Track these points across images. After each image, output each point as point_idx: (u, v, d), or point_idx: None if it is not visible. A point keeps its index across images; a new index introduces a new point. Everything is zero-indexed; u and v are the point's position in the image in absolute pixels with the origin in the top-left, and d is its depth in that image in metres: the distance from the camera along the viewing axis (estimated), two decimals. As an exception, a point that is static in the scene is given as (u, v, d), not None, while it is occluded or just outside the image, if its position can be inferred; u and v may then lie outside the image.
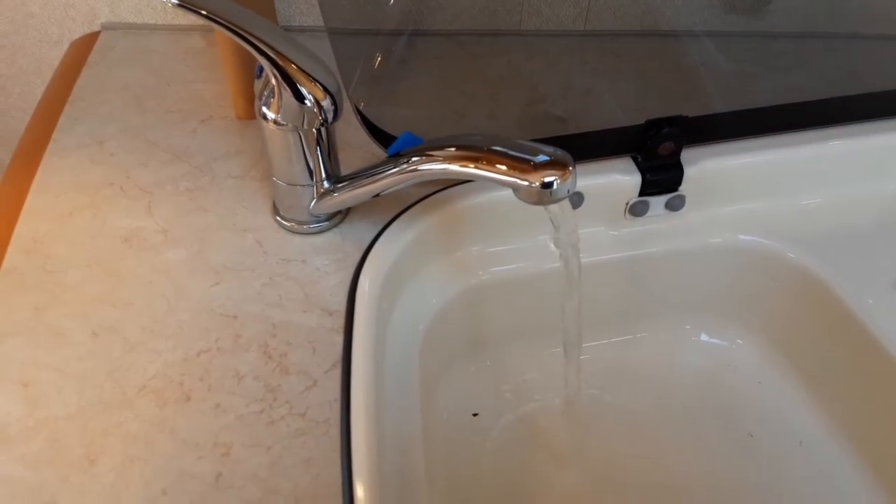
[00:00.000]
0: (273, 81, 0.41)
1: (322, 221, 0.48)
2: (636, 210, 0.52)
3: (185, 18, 0.65)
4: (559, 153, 0.35)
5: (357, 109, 0.46)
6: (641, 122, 0.49)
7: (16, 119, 0.70)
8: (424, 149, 0.40)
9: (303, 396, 0.40)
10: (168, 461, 0.38)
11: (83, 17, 0.65)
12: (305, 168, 0.45)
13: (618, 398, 0.58)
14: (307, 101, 0.41)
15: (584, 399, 0.58)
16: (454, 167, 0.37)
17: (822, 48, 0.61)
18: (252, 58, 0.40)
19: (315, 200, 0.47)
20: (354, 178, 0.44)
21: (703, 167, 0.51)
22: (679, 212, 0.53)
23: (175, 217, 0.49)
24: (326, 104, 0.42)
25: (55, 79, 0.61)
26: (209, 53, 0.63)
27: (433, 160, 0.39)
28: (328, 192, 0.46)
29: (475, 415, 0.57)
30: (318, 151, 0.45)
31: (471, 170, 0.36)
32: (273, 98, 0.42)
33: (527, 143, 0.36)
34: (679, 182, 0.51)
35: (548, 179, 0.34)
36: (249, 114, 0.56)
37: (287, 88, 0.40)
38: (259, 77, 0.42)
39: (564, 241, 0.39)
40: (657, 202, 0.52)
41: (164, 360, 0.42)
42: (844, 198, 0.54)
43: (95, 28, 0.66)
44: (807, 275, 0.53)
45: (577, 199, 0.51)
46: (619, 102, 0.58)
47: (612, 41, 0.62)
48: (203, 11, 0.37)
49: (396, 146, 0.44)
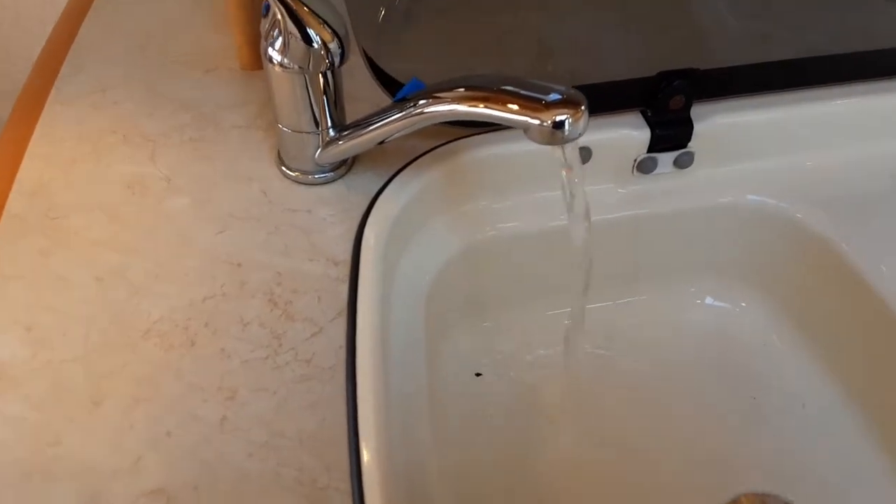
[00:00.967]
0: (280, 20, 0.40)
1: (327, 172, 0.48)
2: (644, 167, 0.52)
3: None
4: (571, 91, 0.35)
5: (365, 54, 0.45)
6: (652, 75, 0.49)
7: (18, 81, 0.70)
8: (431, 91, 0.39)
9: (308, 343, 0.40)
10: (173, 403, 0.37)
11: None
12: (311, 114, 0.45)
13: (620, 360, 0.58)
14: (314, 43, 0.41)
15: (587, 360, 0.58)
16: (462, 107, 0.37)
17: (839, 1, 0.60)
18: (257, 7, 0.39)
19: (320, 149, 0.46)
20: (360, 125, 0.44)
21: (714, 123, 0.51)
22: (687, 169, 0.52)
23: (179, 165, 0.49)
24: (334, 46, 0.42)
25: (59, 23, 0.60)
26: (216, 2, 0.62)
27: (440, 102, 0.38)
28: (333, 141, 0.46)
29: (478, 374, 0.56)
30: (325, 97, 0.44)
31: (480, 109, 0.36)
32: (279, 39, 0.41)
33: (537, 82, 0.36)
34: (688, 138, 0.51)
35: (559, 118, 0.34)
36: (254, 65, 0.55)
37: (294, 28, 0.40)
38: (265, 16, 0.41)
39: (572, 194, 0.38)
40: (666, 159, 0.52)
41: (169, 305, 0.42)
42: (858, 159, 0.54)
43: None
44: (816, 237, 0.52)
45: (585, 155, 0.50)
46: (628, 55, 0.57)
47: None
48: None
49: (403, 92, 0.43)
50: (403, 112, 0.40)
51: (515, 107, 0.34)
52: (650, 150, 0.51)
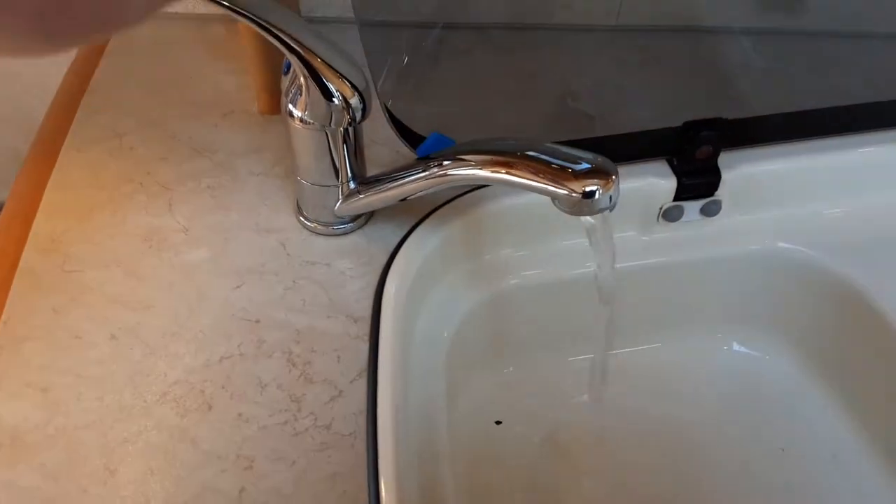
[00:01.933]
0: (301, 78, 0.39)
1: (347, 223, 0.47)
2: (670, 215, 0.50)
3: (206, 7, 0.64)
4: (600, 160, 0.34)
5: (386, 107, 0.44)
6: (678, 125, 0.47)
7: (29, 107, 0.69)
8: (456, 152, 0.38)
9: (328, 407, 0.39)
10: (189, 473, 0.37)
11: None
12: (331, 168, 0.44)
13: (644, 407, 0.57)
14: (335, 100, 0.40)
15: (610, 407, 0.57)
16: (488, 173, 0.36)
17: (865, 49, 0.58)
18: (276, 50, 0.39)
19: (340, 202, 0.45)
20: (381, 181, 0.43)
21: (741, 172, 0.50)
22: (714, 217, 0.51)
23: (196, 215, 0.48)
24: (355, 102, 0.41)
25: (73, 68, 0.60)
26: (231, 44, 0.61)
27: (466, 165, 0.37)
28: (354, 193, 0.45)
29: (498, 423, 0.55)
30: (345, 151, 0.43)
31: (507, 176, 0.35)
32: (300, 95, 0.40)
33: (565, 149, 0.35)
34: (716, 187, 0.49)
35: (589, 188, 0.33)
36: (273, 109, 0.54)
37: (315, 86, 0.39)
38: (286, 73, 0.40)
39: (600, 254, 0.37)
40: (692, 207, 0.50)
41: (186, 366, 0.41)
42: (888, 206, 0.52)
43: (114, 16, 0.65)
44: (845, 285, 0.51)
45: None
46: (652, 101, 0.56)
47: (645, 37, 0.60)
48: (225, 2, 0.35)
49: (425, 147, 0.43)
50: (427, 172, 0.39)
51: (543, 175, 0.33)
52: (676, 199, 0.50)
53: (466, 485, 0.51)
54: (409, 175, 0.40)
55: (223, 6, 0.36)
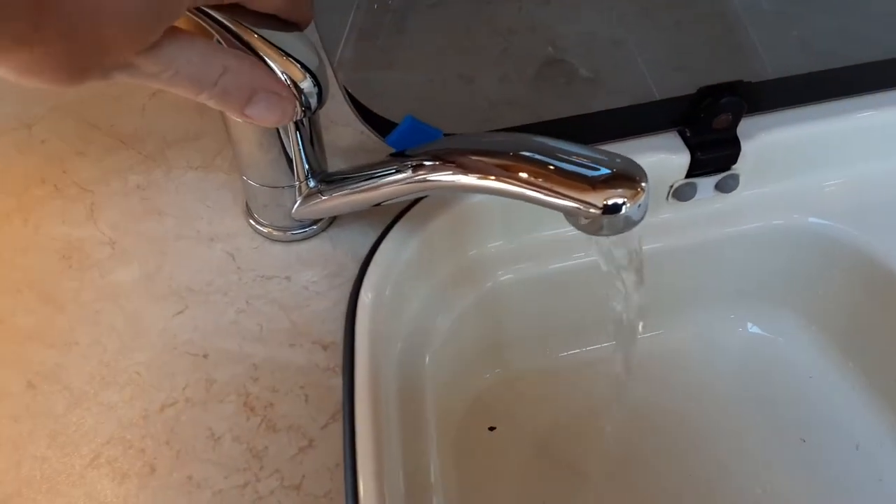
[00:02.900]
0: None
1: (307, 226, 0.40)
2: (682, 194, 0.44)
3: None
4: (624, 162, 0.27)
5: (345, 89, 0.36)
6: (693, 91, 0.40)
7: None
8: (440, 151, 0.31)
9: (296, 462, 0.33)
10: (131, 561, 0.30)
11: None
12: (284, 165, 0.36)
13: (652, 398, 0.51)
14: (281, 85, 0.32)
15: (614, 400, 0.51)
16: (481, 181, 0.28)
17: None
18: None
19: (298, 203, 0.37)
20: (348, 180, 0.35)
21: (762, 141, 0.43)
22: (731, 193, 0.45)
23: (124, 223, 0.40)
24: (307, 86, 0.33)
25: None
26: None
27: (453, 169, 0.30)
28: (314, 194, 0.37)
29: (492, 428, 0.50)
30: (300, 143, 0.35)
31: (506, 186, 0.28)
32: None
33: (577, 148, 0.28)
34: (734, 160, 0.43)
35: (612, 200, 0.26)
36: (209, 84, 0.46)
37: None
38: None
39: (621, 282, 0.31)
40: (706, 183, 0.44)
41: (120, 418, 0.34)
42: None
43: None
44: (876, 263, 0.45)
45: (613, 184, 0.42)
46: (654, 57, 0.49)
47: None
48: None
49: (398, 136, 0.35)
50: (405, 174, 0.31)
51: (553, 184, 0.26)
52: (689, 175, 0.43)
53: (461, 494, 0.45)
54: (383, 176, 0.33)
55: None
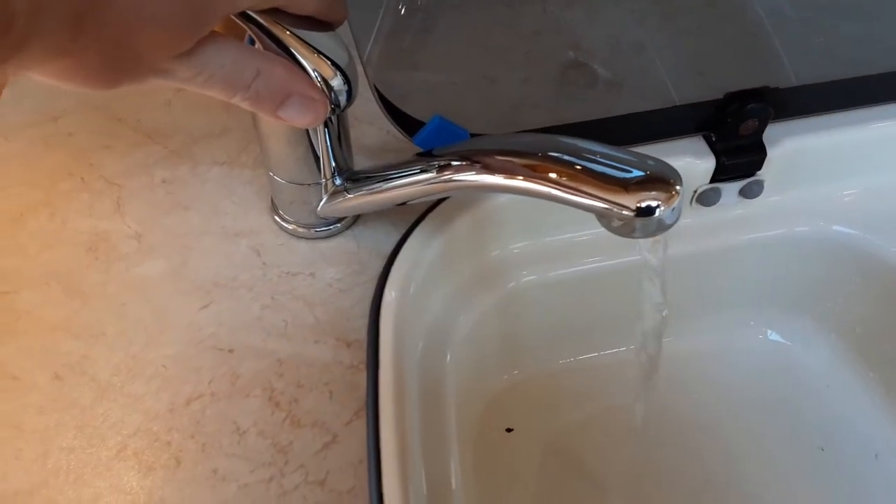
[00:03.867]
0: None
1: (332, 223, 0.40)
2: (706, 199, 0.44)
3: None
4: (658, 165, 0.27)
5: (375, 88, 0.36)
6: (715, 96, 0.40)
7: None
8: (468, 151, 0.31)
9: (320, 457, 0.33)
10: (156, 552, 0.30)
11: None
12: (311, 162, 0.36)
13: (671, 405, 0.51)
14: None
15: (632, 406, 0.51)
16: (511, 181, 0.28)
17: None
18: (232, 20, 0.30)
19: (324, 201, 0.38)
20: (374, 179, 0.35)
21: (788, 147, 0.43)
22: (755, 199, 0.45)
23: (150, 217, 0.40)
24: (337, 84, 0.33)
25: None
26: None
27: (482, 169, 0.30)
28: (340, 192, 0.37)
29: (509, 430, 0.50)
30: (328, 141, 0.36)
31: (536, 186, 0.28)
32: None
33: (609, 149, 0.28)
34: (759, 165, 0.43)
35: (646, 203, 0.26)
36: (236, 81, 0.46)
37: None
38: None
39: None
40: (730, 189, 0.44)
41: (146, 411, 0.34)
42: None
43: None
44: (895, 271, 0.45)
45: (637, 188, 0.42)
46: (676, 62, 0.48)
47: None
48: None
49: (426, 136, 0.35)
50: (432, 174, 0.31)
51: (585, 186, 0.26)
52: (714, 180, 0.43)
53: (477, 495, 0.45)
54: (409, 175, 0.33)
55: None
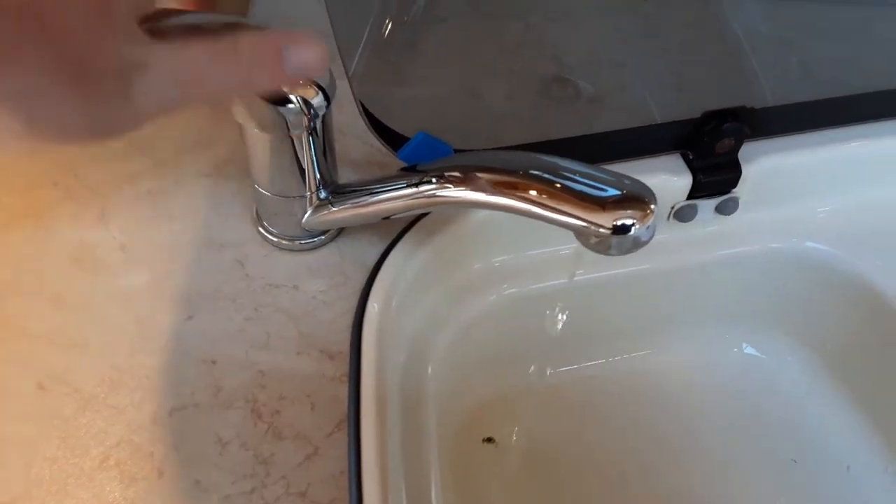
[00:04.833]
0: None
1: (316, 236, 0.40)
2: (683, 215, 0.45)
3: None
4: (634, 185, 0.27)
5: (361, 104, 0.37)
6: (696, 115, 0.41)
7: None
8: (450, 167, 0.31)
9: (302, 469, 0.33)
10: (138, 563, 0.30)
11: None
12: (297, 176, 0.37)
13: (648, 413, 0.52)
14: (293, 104, 0.33)
15: (608, 415, 0.52)
16: (491, 198, 0.29)
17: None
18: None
19: (308, 214, 0.38)
20: (358, 192, 0.36)
21: (762, 165, 0.44)
22: (730, 216, 0.46)
23: (136, 228, 0.41)
24: (318, 101, 0.34)
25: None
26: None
27: (463, 184, 0.30)
28: (324, 205, 0.38)
29: (490, 440, 0.50)
30: (313, 154, 0.36)
31: (516, 203, 0.29)
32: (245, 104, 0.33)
33: (586, 168, 0.28)
34: (735, 183, 0.44)
35: (621, 221, 0.27)
36: (222, 93, 0.46)
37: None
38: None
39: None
40: (707, 206, 0.45)
41: (129, 421, 0.34)
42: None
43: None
44: (870, 287, 0.46)
45: (616, 203, 0.43)
46: (656, 79, 0.50)
47: (646, 4, 0.53)
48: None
49: (410, 151, 0.36)
50: (415, 189, 0.32)
51: (563, 204, 0.27)
52: (690, 197, 0.44)
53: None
54: (393, 189, 0.33)
55: None
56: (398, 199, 0.33)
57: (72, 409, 0.34)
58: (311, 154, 0.36)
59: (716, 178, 0.43)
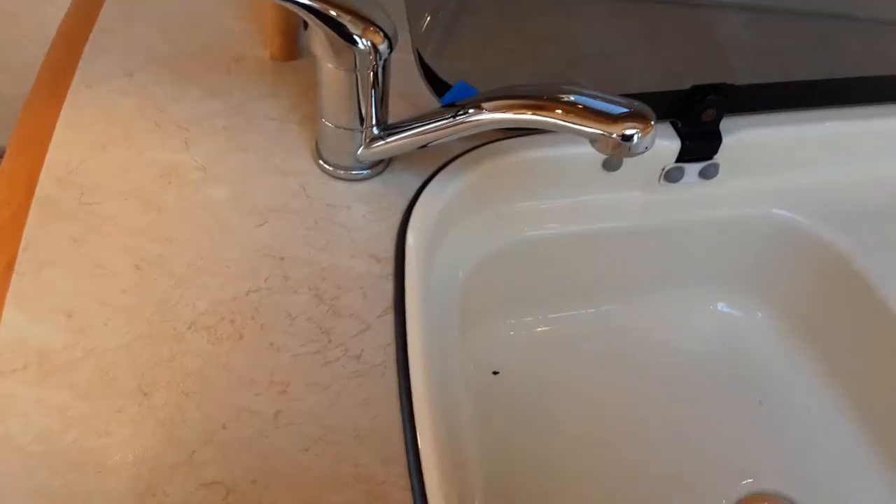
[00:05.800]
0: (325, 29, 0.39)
1: (365, 169, 0.48)
2: (671, 176, 0.53)
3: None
4: (638, 105, 0.36)
5: (417, 53, 0.45)
6: (686, 88, 0.50)
7: (27, 51, 0.67)
8: (484, 98, 0.39)
9: (357, 339, 0.40)
10: (225, 396, 0.37)
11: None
12: (357, 111, 0.45)
13: (629, 360, 0.59)
14: (361, 44, 0.40)
15: (600, 359, 0.59)
16: (521, 115, 0.37)
17: (851, 29, 0.62)
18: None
19: (363, 146, 0.46)
20: (405, 127, 0.44)
21: (740, 137, 0.52)
22: (712, 180, 0.54)
23: (214, 155, 0.48)
24: (383, 48, 0.42)
25: (75, 9, 0.58)
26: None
27: (497, 108, 0.38)
28: (377, 139, 0.46)
29: (495, 373, 0.57)
30: (373, 95, 0.44)
31: (546, 119, 0.37)
32: (325, 40, 0.41)
33: (599, 94, 0.37)
34: (716, 150, 0.52)
35: (628, 132, 0.35)
36: (286, 55, 0.55)
37: (339, 31, 0.39)
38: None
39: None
40: (692, 169, 0.53)
41: (213, 297, 0.41)
42: (878, 178, 0.56)
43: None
44: (832, 252, 0.54)
45: (616, 162, 0.51)
46: (657, 68, 0.58)
47: (649, 8, 0.63)
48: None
49: (450, 95, 0.44)
50: (454, 118, 0.40)
51: (581, 118, 0.35)
52: (678, 160, 0.52)
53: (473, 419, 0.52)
54: (435, 121, 0.41)
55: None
56: (439, 129, 0.41)
57: (165, 286, 0.41)
58: (371, 92, 0.44)
59: (700, 145, 0.52)
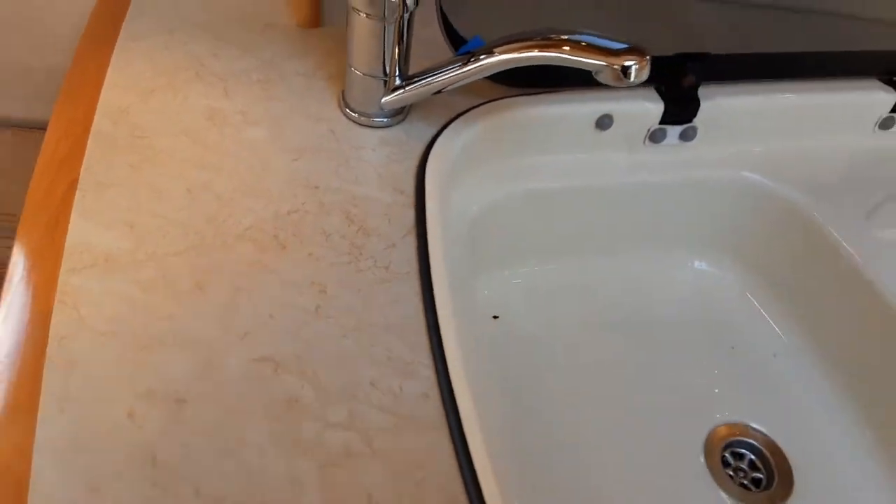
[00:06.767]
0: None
1: (387, 117, 0.54)
2: (655, 137, 0.60)
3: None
4: (635, 43, 0.42)
5: (440, 7, 0.51)
6: (671, 54, 0.57)
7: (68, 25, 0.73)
8: (497, 43, 0.46)
9: (385, 253, 0.46)
10: (271, 293, 0.42)
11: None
12: (384, 60, 0.51)
13: (614, 310, 0.65)
14: (393, -1, 0.47)
15: (587, 310, 0.65)
16: (538, 54, 0.43)
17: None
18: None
19: (386, 94, 0.52)
20: (424, 76, 0.50)
21: (717, 103, 0.59)
22: (691, 142, 0.61)
23: (251, 103, 0.54)
24: (410, 1, 0.48)
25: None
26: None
27: (511, 51, 0.45)
28: (399, 87, 0.52)
29: (495, 317, 0.63)
30: (398, 46, 0.50)
31: (556, 54, 0.43)
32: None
33: (601, 34, 0.43)
34: (695, 114, 0.59)
35: (627, 63, 0.41)
36: (312, 23, 0.61)
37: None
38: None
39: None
40: (673, 131, 0.60)
41: (257, 216, 0.46)
42: (836, 142, 0.63)
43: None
44: (797, 213, 0.61)
45: (608, 122, 0.58)
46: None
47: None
48: None
49: (465, 48, 0.50)
50: (467, 64, 0.46)
51: (587, 52, 0.41)
52: (661, 122, 0.59)
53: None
54: (451, 68, 0.47)
55: None
56: (456, 72, 0.47)
57: (214, 207, 0.47)
58: (396, 43, 0.50)
59: (681, 108, 0.58)
